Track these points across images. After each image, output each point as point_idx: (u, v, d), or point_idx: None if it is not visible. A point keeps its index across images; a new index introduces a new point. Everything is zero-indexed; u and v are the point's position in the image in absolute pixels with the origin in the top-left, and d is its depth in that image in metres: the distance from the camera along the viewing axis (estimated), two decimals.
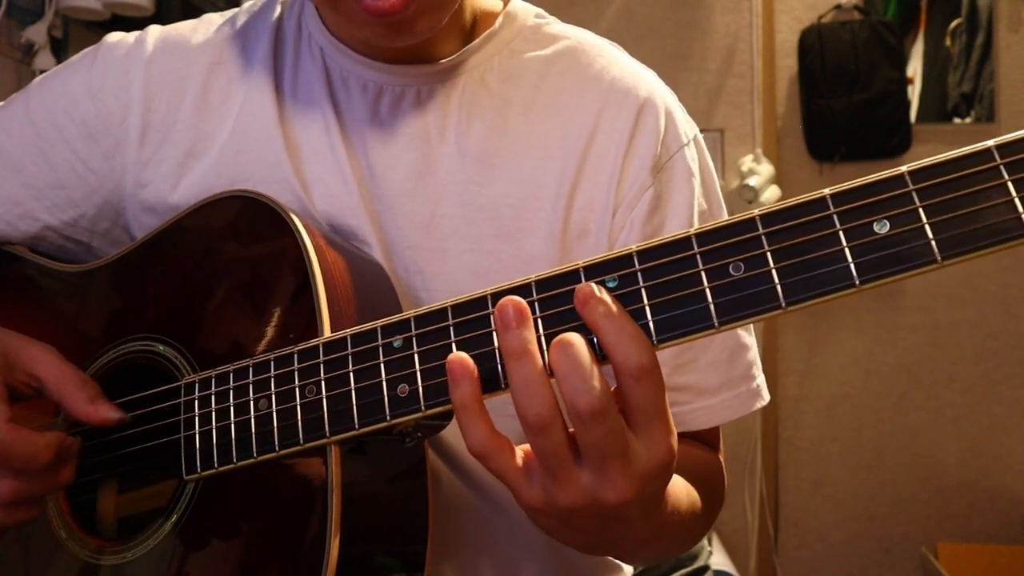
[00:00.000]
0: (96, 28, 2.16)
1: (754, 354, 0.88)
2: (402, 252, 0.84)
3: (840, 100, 2.89)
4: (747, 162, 2.83)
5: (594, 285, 0.55)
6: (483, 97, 0.86)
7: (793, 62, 2.98)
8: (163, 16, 2.14)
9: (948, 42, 3.12)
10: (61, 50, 2.10)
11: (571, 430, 0.55)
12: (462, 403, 0.56)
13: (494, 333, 0.59)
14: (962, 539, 2.86)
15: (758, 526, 2.89)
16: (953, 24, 3.10)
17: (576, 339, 0.54)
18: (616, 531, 0.60)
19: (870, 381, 2.95)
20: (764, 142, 2.92)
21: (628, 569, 1.03)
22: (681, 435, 0.86)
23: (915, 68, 3.15)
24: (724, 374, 0.85)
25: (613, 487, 0.55)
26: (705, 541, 1.20)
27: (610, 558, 0.94)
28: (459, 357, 0.57)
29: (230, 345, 0.74)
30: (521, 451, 0.58)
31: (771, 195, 2.73)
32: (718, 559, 2.48)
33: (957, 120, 3.08)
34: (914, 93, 3.11)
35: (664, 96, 0.88)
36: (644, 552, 0.69)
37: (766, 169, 2.79)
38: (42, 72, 1.92)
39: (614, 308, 0.54)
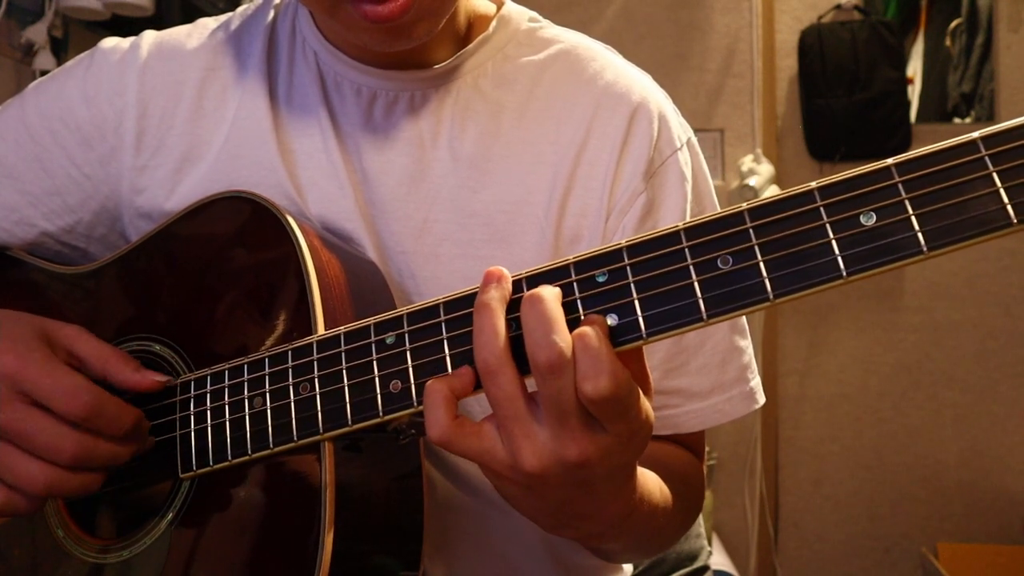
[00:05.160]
0: (96, 28, 2.16)
1: (748, 357, 0.88)
2: (395, 256, 0.84)
3: (840, 100, 2.89)
4: (747, 162, 2.83)
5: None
6: (477, 102, 0.86)
7: (793, 62, 2.98)
8: (163, 16, 2.14)
9: (948, 42, 3.12)
10: (61, 50, 2.09)
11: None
12: (431, 393, 0.58)
13: None
14: (962, 539, 2.86)
15: (758, 526, 2.88)
16: (953, 24, 3.10)
17: (547, 294, 0.55)
18: (581, 504, 0.60)
19: (870, 381, 2.95)
20: (764, 142, 2.92)
21: (627, 569, 1.03)
22: (665, 438, 0.87)
23: (915, 68, 3.16)
24: (716, 378, 0.85)
25: (575, 441, 0.55)
26: (705, 541, 1.20)
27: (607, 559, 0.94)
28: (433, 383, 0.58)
29: (225, 344, 0.74)
30: (486, 423, 0.58)
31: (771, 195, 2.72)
32: (718, 559, 2.48)
33: (957, 120, 3.08)
34: (914, 93, 3.11)
35: (658, 100, 0.88)
36: (613, 538, 0.69)
37: (766, 169, 2.79)
38: (42, 72, 1.93)
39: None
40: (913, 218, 0.49)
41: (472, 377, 0.58)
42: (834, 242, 0.51)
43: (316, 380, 0.66)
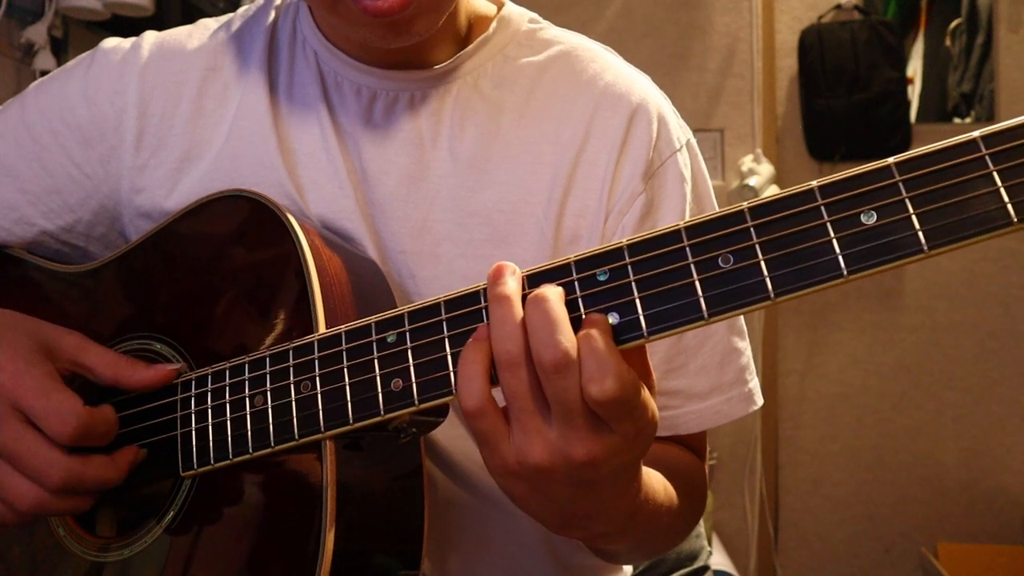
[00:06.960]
0: (96, 28, 2.16)
1: (747, 359, 0.88)
2: (395, 256, 0.84)
3: (840, 100, 2.89)
4: (747, 162, 2.83)
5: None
6: (476, 102, 0.86)
7: (793, 62, 2.98)
8: (163, 16, 2.14)
9: (948, 42, 3.13)
10: (61, 50, 2.09)
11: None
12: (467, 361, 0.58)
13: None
14: (962, 539, 2.86)
15: (758, 526, 2.88)
16: (953, 24, 3.11)
17: (551, 294, 0.56)
18: (587, 503, 0.60)
19: (870, 381, 2.95)
20: (764, 142, 2.92)
21: (627, 569, 1.03)
22: (667, 439, 0.87)
23: (915, 68, 3.16)
24: (715, 379, 0.86)
25: (581, 441, 0.55)
26: (705, 541, 1.20)
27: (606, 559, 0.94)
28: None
29: (226, 342, 0.75)
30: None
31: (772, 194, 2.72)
32: (718, 559, 2.48)
33: (957, 120, 3.08)
34: (914, 93, 3.11)
35: (657, 101, 0.88)
36: (619, 538, 0.69)
37: (766, 169, 2.79)
38: (42, 72, 1.93)
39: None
40: (914, 217, 0.49)
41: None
42: (835, 241, 0.51)
43: (317, 378, 0.66)
